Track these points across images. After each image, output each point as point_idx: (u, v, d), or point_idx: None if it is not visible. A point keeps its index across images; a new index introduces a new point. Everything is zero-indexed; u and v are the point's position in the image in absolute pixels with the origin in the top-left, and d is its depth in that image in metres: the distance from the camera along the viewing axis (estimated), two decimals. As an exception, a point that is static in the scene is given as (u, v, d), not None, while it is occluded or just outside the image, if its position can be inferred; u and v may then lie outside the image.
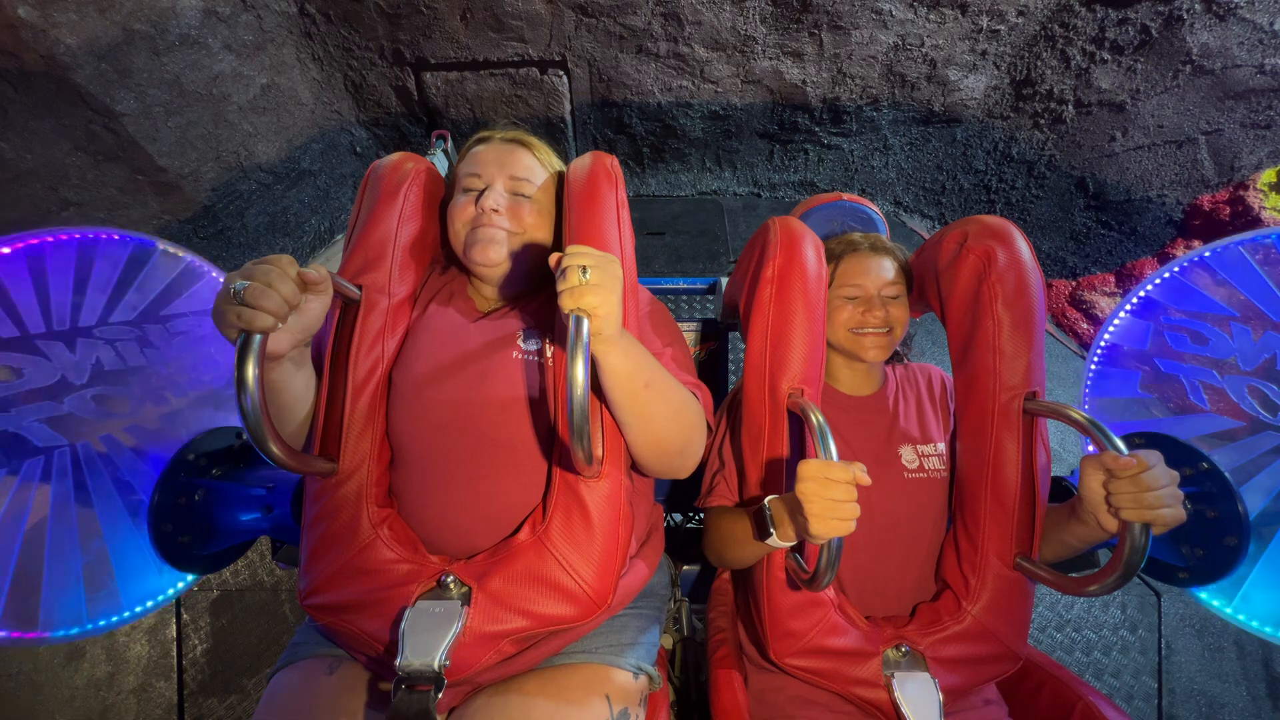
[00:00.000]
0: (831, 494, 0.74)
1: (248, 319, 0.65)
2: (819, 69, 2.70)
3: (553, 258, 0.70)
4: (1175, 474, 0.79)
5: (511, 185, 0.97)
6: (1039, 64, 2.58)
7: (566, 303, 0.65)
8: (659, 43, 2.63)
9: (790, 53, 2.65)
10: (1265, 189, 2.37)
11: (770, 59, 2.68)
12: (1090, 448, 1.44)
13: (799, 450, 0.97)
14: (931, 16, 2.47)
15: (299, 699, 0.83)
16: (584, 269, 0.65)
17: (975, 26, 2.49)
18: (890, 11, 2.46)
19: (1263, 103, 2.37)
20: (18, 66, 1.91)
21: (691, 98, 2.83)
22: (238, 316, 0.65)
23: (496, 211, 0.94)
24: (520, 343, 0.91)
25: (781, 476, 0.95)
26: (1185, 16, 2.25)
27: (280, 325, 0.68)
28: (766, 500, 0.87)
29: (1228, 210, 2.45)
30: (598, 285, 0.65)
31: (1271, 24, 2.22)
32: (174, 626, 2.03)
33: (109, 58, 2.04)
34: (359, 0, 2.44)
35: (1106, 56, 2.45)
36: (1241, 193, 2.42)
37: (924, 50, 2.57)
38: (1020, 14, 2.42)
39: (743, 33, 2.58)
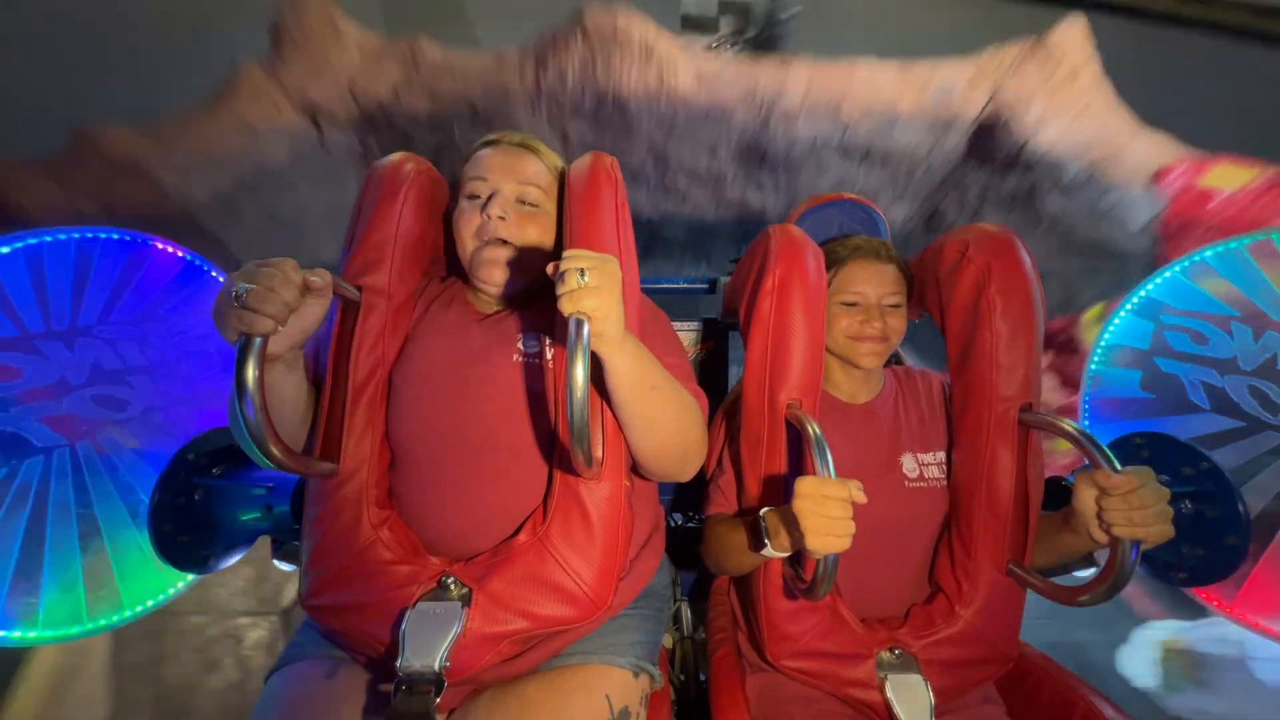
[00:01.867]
0: (828, 511, 0.74)
1: (249, 322, 0.65)
2: (776, 197, 3.68)
3: (550, 266, 0.69)
4: (1166, 492, 0.79)
5: (518, 191, 0.96)
6: (944, 202, 3.64)
7: (565, 306, 0.65)
8: (650, 176, 3.57)
9: (754, 185, 3.67)
10: (1087, 321, 2.97)
11: (738, 189, 3.68)
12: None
13: (797, 460, 0.97)
14: (862, 166, 3.49)
15: (297, 700, 0.83)
16: (581, 272, 0.65)
17: (895, 174, 3.53)
18: (830, 162, 3.48)
19: (1092, 256, 3.33)
20: (159, 215, 2.84)
21: (675, 215, 3.76)
22: (239, 319, 0.65)
23: (502, 219, 0.93)
24: (520, 345, 0.91)
25: (779, 487, 0.95)
26: (1042, 188, 3.30)
27: (280, 328, 0.68)
28: (762, 513, 0.88)
29: (1064, 335, 3.04)
30: (596, 288, 0.65)
31: (1097, 204, 3.24)
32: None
33: (225, 203, 2.98)
34: (408, 139, 3.32)
35: (990, 207, 3.50)
36: (1074, 322, 3.04)
37: (857, 188, 3.18)
38: (927, 170, 3.49)
39: (716, 172, 3.58)
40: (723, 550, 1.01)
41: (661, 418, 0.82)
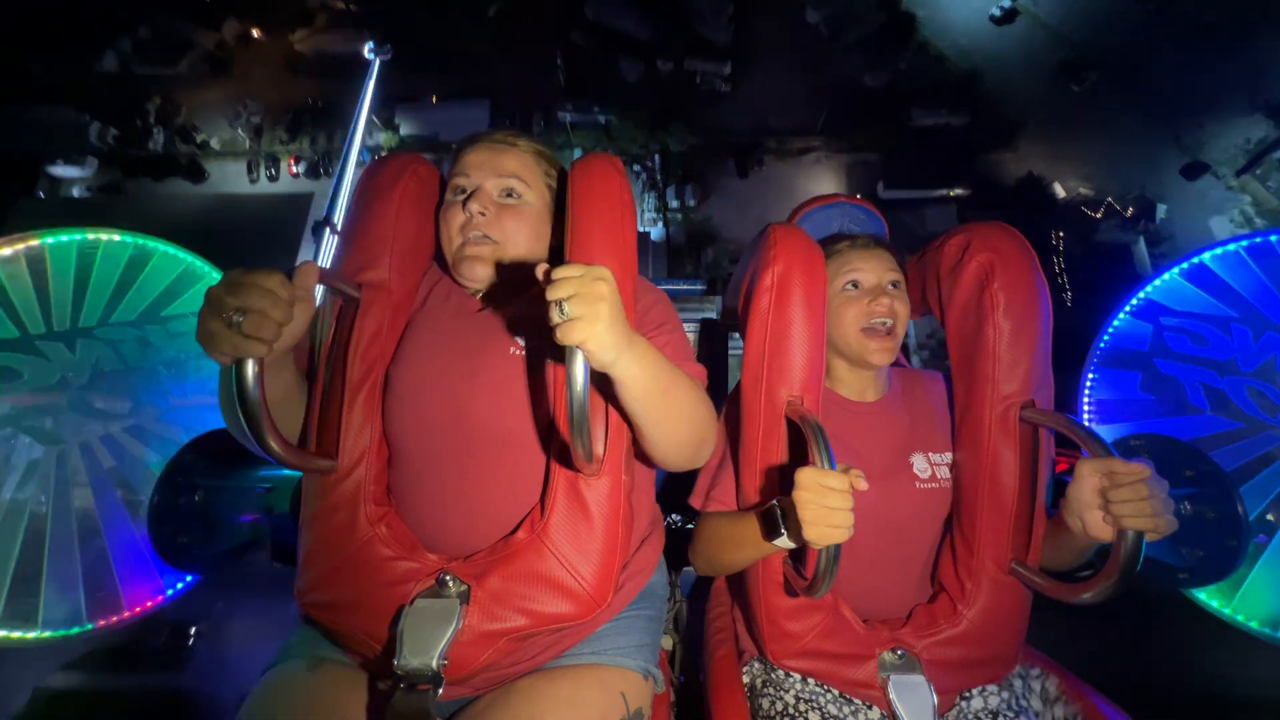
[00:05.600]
0: (827, 502, 0.74)
1: (245, 348, 0.66)
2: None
3: (540, 270, 0.68)
4: (1167, 484, 0.79)
5: (500, 185, 0.97)
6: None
7: (559, 340, 0.64)
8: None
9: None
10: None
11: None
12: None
13: (799, 457, 0.97)
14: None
15: (282, 699, 0.82)
16: (560, 307, 0.62)
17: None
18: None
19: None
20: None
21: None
22: (234, 346, 0.66)
23: (483, 214, 0.93)
24: (517, 339, 0.91)
25: (779, 483, 0.95)
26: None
27: (270, 353, 0.68)
28: (776, 499, 0.86)
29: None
30: (578, 318, 0.63)
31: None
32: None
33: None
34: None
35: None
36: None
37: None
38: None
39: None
40: (722, 544, 1.00)
41: (677, 413, 0.82)
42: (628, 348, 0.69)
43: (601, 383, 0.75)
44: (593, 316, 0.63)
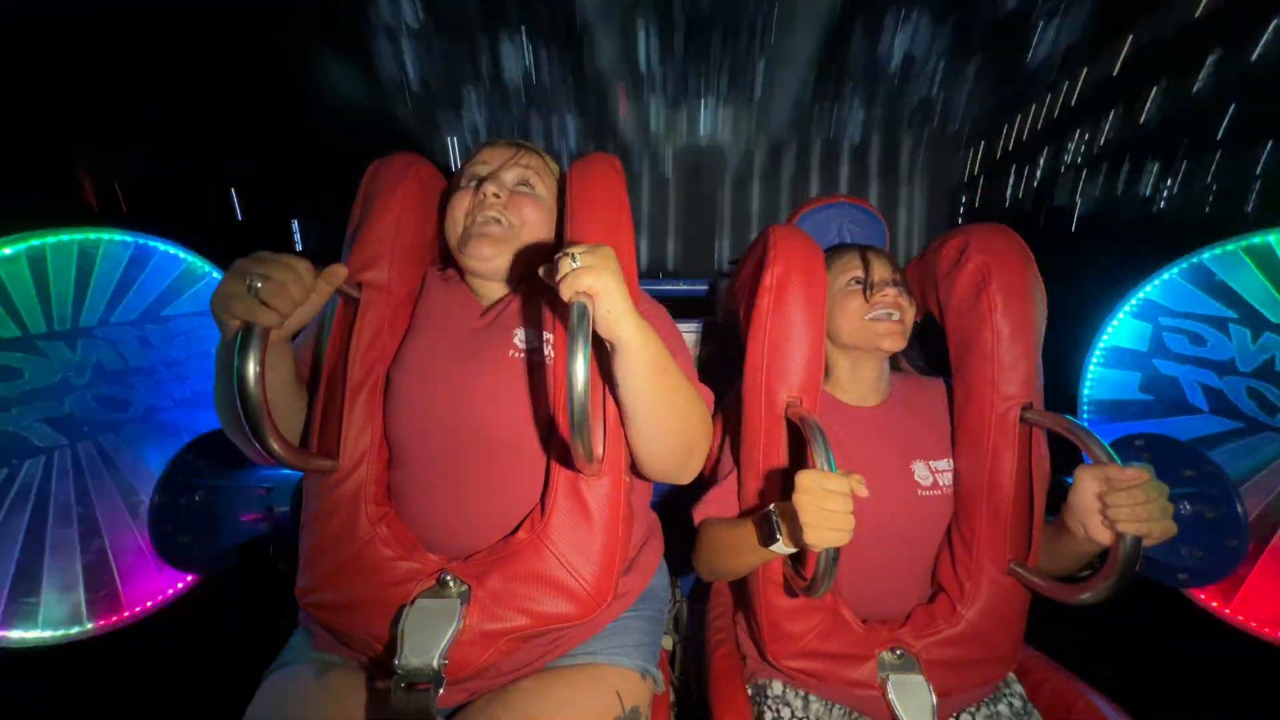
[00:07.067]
0: (828, 504, 0.74)
1: (257, 313, 0.67)
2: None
3: (541, 269, 0.69)
4: (1166, 488, 0.80)
5: (517, 175, 0.97)
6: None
7: (565, 290, 0.65)
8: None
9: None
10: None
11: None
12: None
13: (798, 459, 0.97)
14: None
15: (285, 702, 0.82)
16: (573, 256, 0.65)
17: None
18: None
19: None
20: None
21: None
22: (247, 309, 0.67)
23: (497, 196, 0.93)
24: (517, 340, 0.90)
25: (779, 486, 0.94)
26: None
27: (282, 325, 0.69)
28: (771, 506, 0.86)
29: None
30: (590, 266, 0.64)
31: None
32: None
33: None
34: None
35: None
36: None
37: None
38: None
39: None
40: (722, 550, 0.99)
41: (671, 404, 0.80)
42: (633, 312, 0.69)
43: (600, 361, 0.75)
44: (602, 267, 0.65)
